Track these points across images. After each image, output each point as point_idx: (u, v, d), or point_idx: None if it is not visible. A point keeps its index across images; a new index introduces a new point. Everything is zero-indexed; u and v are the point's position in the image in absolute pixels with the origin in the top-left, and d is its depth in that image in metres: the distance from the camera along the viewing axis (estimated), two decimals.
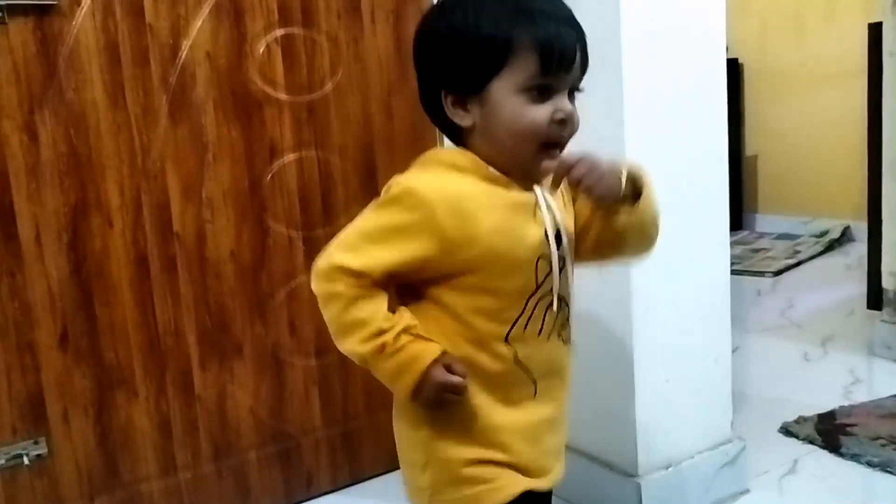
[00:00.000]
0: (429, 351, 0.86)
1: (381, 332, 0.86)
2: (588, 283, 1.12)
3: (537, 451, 0.95)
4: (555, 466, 0.99)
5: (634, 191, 0.93)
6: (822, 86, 3.81)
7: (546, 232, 0.90)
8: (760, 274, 3.38)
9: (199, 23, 1.51)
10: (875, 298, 2.48)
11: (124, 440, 1.52)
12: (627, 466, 1.50)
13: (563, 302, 0.94)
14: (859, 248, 3.00)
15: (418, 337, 0.87)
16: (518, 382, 0.92)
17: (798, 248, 3.73)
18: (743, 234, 4.12)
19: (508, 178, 0.90)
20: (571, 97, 0.90)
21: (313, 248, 1.67)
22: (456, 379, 0.87)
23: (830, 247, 3.69)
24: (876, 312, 2.42)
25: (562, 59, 0.85)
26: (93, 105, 1.43)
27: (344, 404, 1.74)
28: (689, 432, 1.55)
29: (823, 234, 3.82)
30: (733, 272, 1.63)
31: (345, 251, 0.87)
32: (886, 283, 2.30)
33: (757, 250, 3.78)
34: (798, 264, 3.50)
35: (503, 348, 0.90)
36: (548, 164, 0.89)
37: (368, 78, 1.70)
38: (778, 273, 3.39)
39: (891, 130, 2.24)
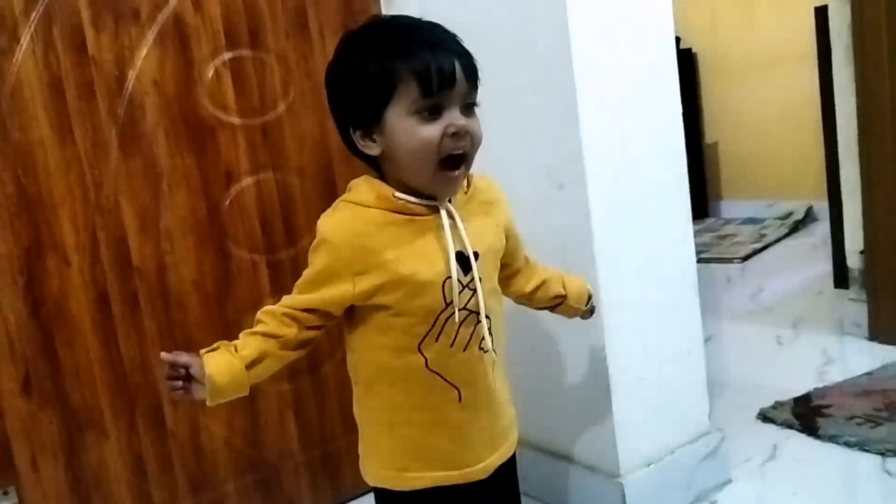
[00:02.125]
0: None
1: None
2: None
3: (460, 447, 1.05)
4: (489, 457, 1.08)
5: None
6: (775, 70, 3.86)
7: (450, 255, 0.98)
8: (728, 260, 3.41)
9: (144, 51, 1.49)
10: (841, 277, 2.51)
11: (97, 482, 1.48)
12: (609, 467, 1.49)
13: (476, 316, 1.01)
14: (823, 228, 3.03)
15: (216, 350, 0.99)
16: (436, 387, 1.02)
17: (764, 231, 3.77)
18: (709, 221, 4.16)
19: (415, 203, 0.99)
20: (470, 112, 0.98)
21: (278, 271, 1.65)
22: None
23: (795, 228, 3.74)
24: (844, 291, 2.45)
25: (441, 79, 0.94)
26: (40, 143, 1.40)
27: (321, 426, 1.72)
28: (667, 427, 1.55)
29: (787, 215, 3.86)
30: (702, 260, 1.64)
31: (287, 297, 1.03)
32: (851, 261, 2.33)
33: (724, 237, 3.82)
34: (765, 248, 3.54)
35: (415, 357, 1.00)
36: (450, 177, 0.97)
37: (322, 95, 1.64)
38: (746, 258, 3.42)
39: (843, 110, 2.27)
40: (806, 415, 1.85)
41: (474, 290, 1.00)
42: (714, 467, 1.60)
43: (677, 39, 1.54)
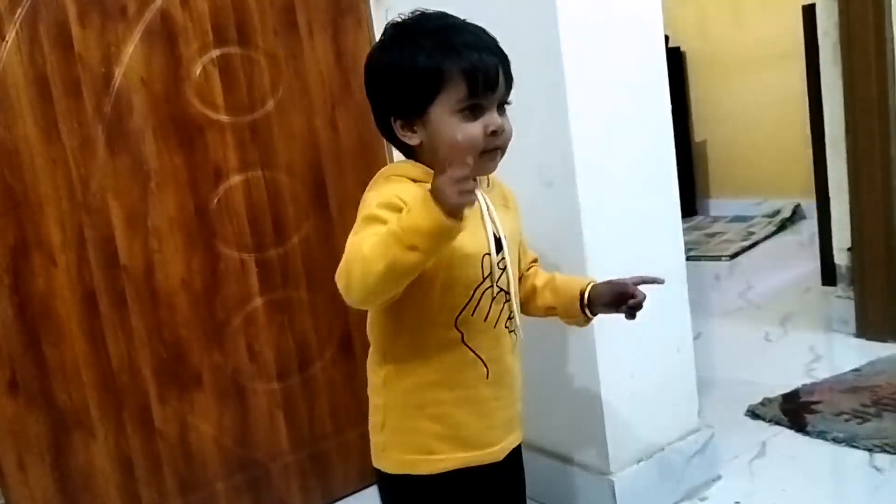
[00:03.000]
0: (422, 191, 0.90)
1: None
2: None
3: (485, 425, 1.08)
4: (506, 438, 1.12)
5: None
6: (763, 69, 3.87)
7: (488, 233, 1.04)
8: (717, 258, 3.42)
9: (131, 49, 1.47)
10: (829, 275, 2.53)
11: (85, 483, 1.47)
12: (599, 465, 1.49)
13: (505, 294, 1.06)
14: (811, 225, 3.05)
15: None
16: (469, 363, 1.05)
17: (752, 229, 3.79)
18: (697, 219, 4.17)
19: None
20: (501, 110, 1.04)
21: (267, 270, 1.64)
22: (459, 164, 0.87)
23: (783, 226, 3.75)
24: (831, 288, 2.46)
25: (486, 82, 1.00)
26: (25, 141, 1.39)
27: (310, 426, 1.71)
28: (657, 425, 1.55)
29: (775, 213, 3.88)
30: (691, 258, 1.64)
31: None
32: (838, 259, 2.34)
33: (712, 234, 3.83)
34: (753, 246, 3.55)
35: (453, 333, 1.03)
36: (489, 164, 1.04)
37: (310, 93, 1.68)
38: (734, 256, 3.43)
39: (831, 109, 2.28)
40: (794, 411, 1.86)
41: (503, 269, 1.05)
42: (703, 464, 1.60)
43: (666, 38, 1.55)
